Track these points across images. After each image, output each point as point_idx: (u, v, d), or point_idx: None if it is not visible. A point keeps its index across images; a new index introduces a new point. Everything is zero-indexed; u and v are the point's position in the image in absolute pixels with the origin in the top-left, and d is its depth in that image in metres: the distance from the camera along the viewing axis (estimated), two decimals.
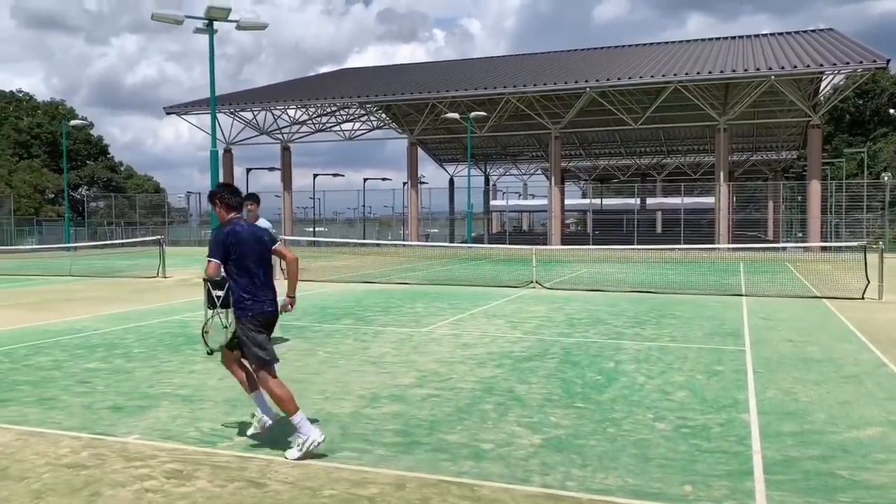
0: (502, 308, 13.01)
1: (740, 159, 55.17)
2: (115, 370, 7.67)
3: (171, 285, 18.07)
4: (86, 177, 62.59)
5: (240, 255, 5.08)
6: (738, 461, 4.73)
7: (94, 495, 4.18)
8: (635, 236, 38.70)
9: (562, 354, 8.48)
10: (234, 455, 4.89)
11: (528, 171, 66.20)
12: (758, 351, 8.63)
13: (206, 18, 16.57)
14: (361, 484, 4.34)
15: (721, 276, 19.16)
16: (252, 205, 8.91)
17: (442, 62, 57.04)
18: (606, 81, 34.93)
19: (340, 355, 8.48)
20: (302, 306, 13.37)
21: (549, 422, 5.65)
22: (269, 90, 48.38)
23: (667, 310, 12.60)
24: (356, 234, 53.07)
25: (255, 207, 8.89)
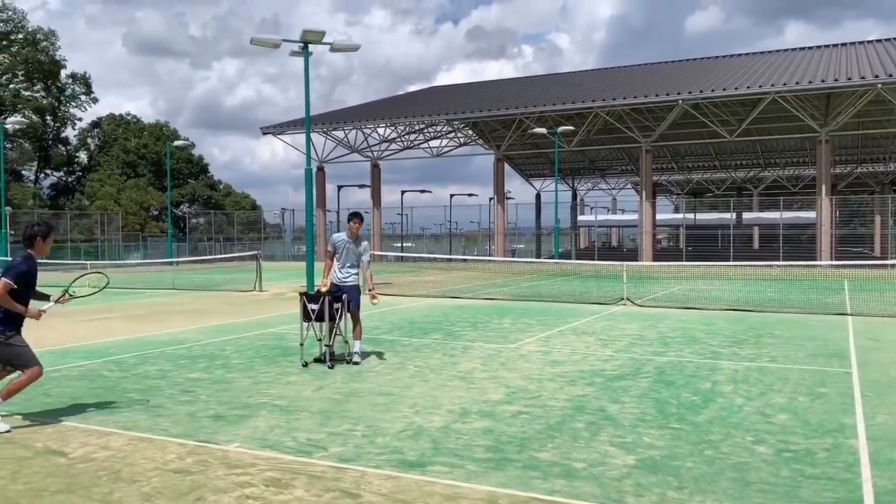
0: (592, 325, 12.83)
1: (844, 171, 52.62)
2: (216, 380, 7.99)
3: (268, 299, 18.70)
4: (187, 194, 65.73)
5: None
6: (846, 489, 4.50)
7: (199, 500, 4.37)
8: (731, 252, 37.43)
9: (655, 374, 8.29)
10: (329, 465, 5.01)
11: (617, 186, 65.15)
12: (865, 373, 8.19)
13: (301, 42, 17.18)
14: (454, 498, 4.37)
15: (823, 294, 18.28)
16: (357, 222, 9.16)
17: (529, 77, 57.03)
18: (700, 93, 34.06)
19: (430, 369, 8.56)
20: (391, 320, 13.60)
21: (642, 442, 5.53)
22: (360, 109, 49.58)
23: (765, 329, 12.12)
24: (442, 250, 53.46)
25: (357, 225, 9.14)
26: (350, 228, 9.14)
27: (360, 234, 9.26)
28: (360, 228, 9.21)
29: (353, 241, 9.13)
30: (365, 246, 9.26)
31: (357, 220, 9.19)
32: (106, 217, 49.71)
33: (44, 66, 57.41)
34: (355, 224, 9.15)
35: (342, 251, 9.12)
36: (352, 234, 9.13)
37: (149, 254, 48.97)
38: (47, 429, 5.96)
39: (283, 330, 12.15)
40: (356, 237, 9.15)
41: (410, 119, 42.50)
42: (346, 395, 7.22)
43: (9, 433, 5.79)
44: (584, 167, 58.82)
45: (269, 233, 58.07)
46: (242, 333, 11.93)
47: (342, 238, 9.17)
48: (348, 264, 9.13)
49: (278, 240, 57.51)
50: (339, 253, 9.14)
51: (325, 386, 7.64)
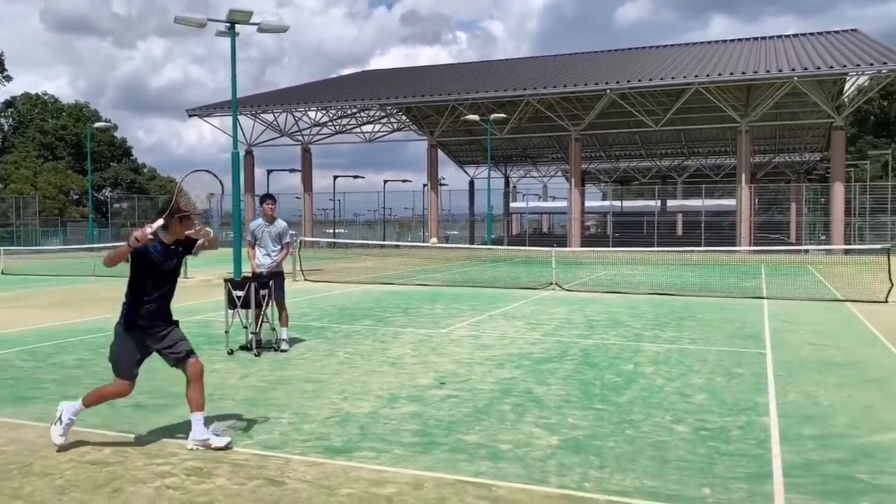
0: (521, 310, 13.00)
1: (762, 161, 54.68)
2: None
3: (193, 286, 18.25)
4: (109, 178, 63.38)
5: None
6: (757, 464, 4.70)
7: (116, 491, 4.25)
8: (655, 238, 38.47)
9: (580, 356, 8.47)
10: (254, 453, 4.94)
11: (548, 173, 66.06)
12: (779, 354, 8.56)
13: (228, 21, 16.71)
14: (379, 483, 4.37)
15: (742, 279, 19.00)
16: (270, 203, 9.03)
17: (463, 64, 57.08)
18: (627, 83, 34.78)
19: (360, 356, 8.52)
20: (321, 307, 13.47)
21: (566, 423, 5.65)
22: (290, 92, 48.69)
23: (686, 312, 12.52)
24: (376, 236, 53.22)
25: (271, 207, 9.00)
26: (264, 211, 8.98)
27: (277, 216, 9.09)
28: (274, 209, 9.05)
29: (270, 224, 8.96)
30: (283, 227, 9.11)
31: (270, 202, 9.04)
32: (22, 201, 47.54)
33: None
34: (269, 206, 8.99)
35: (261, 236, 8.95)
36: (266, 216, 8.96)
37: (68, 240, 47.11)
38: None
39: (209, 317, 11.89)
40: (272, 219, 8.98)
41: (343, 103, 42.00)
42: (272, 382, 7.12)
43: None
44: (516, 155, 59.38)
45: None
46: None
47: (259, 223, 9.00)
48: (270, 249, 8.97)
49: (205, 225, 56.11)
50: (260, 239, 8.98)
51: (251, 374, 7.52)
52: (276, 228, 8.98)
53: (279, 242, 9.02)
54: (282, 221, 9.17)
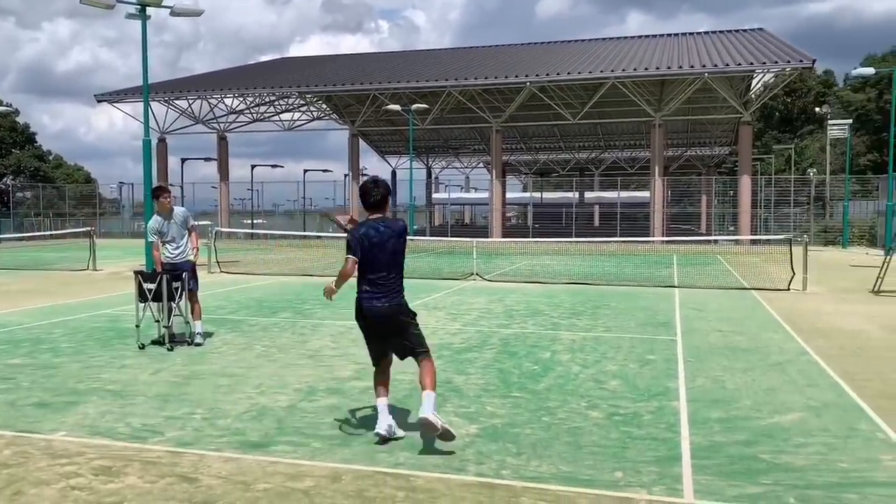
0: (443, 300, 13.05)
1: (675, 154, 56.51)
2: (42, 366, 7.41)
3: (102, 278, 17.53)
4: (11, 166, 60.11)
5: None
6: (667, 447, 4.87)
7: (17, 494, 4.05)
8: (573, 229, 39.25)
9: (500, 345, 8.57)
10: (166, 451, 4.79)
11: (470, 165, 66.46)
12: (688, 340, 8.88)
13: (138, 4, 16.08)
14: (297, 477, 4.31)
15: (655, 269, 19.62)
16: (166, 196, 8.73)
17: (384, 53, 56.67)
18: (546, 76, 35.30)
19: (277, 349, 8.38)
20: (238, 299, 13.17)
21: (485, 411, 5.71)
22: (206, 78, 47.25)
23: (602, 301, 12.85)
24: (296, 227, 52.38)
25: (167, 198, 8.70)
26: (161, 205, 8.67)
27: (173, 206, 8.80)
28: (170, 201, 8.75)
29: (169, 216, 8.67)
30: (184, 213, 8.84)
31: (164, 195, 8.75)
32: None
33: None
34: (164, 199, 8.69)
35: (167, 231, 8.65)
36: (163, 208, 8.67)
37: None
38: None
39: (119, 311, 11.45)
40: (169, 210, 8.69)
41: (260, 90, 41.05)
42: (185, 377, 6.92)
43: None
44: (438, 145, 59.47)
45: (106, 208, 54.36)
46: (73, 315, 11.12)
47: (158, 220, 8.65)
48: (176, 240, 8.69)
49: (116, 216, 53.96)
50: (166, 234, 8.67)
51: (163, 369, 7.28)
52: (178, 218, 8.69)
53: (185, 229, 8.75)
54: (180, 208, 8.90)
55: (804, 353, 8.14)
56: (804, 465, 4.55)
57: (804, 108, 65.12)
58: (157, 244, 8.68)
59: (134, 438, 5.05)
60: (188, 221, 8.82)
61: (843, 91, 66.13)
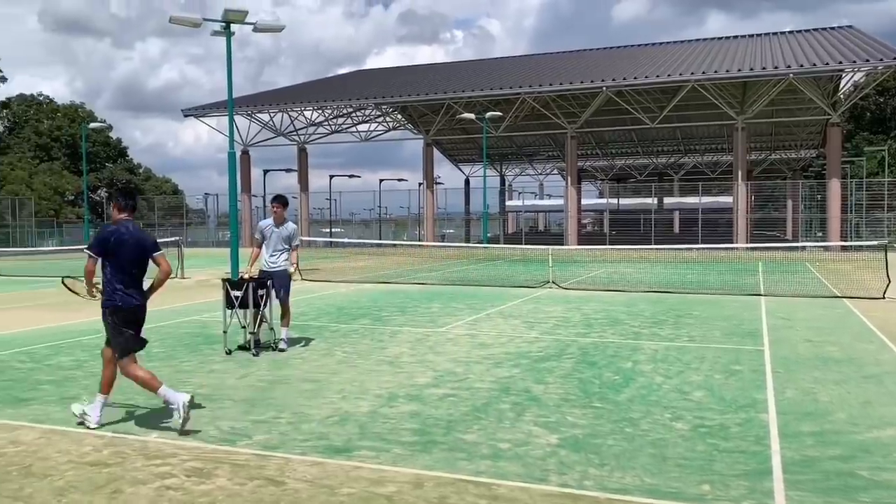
0: (519, 308, 13.00)
1: (759, 158, 54.75)
2: None
3: (190, 286, 18.22)
4: (105, 179, 63.23)
5: (118, 254, 5.61)
6: (756, 461, 4.71)
7: (116, 492, 4.24)
8: (652, 236, 38.50)
9: (579, 355, 8.47)
10: (253, 453, 4.93)
11: (544, 171, 66.10)
12: (776, 351, 8.57)
13: (223, 21, 16.69)
14: (379, 482, 4.36)
15: (739, 276, 19.02)
16: (277, 207, 9.03)
17: (459, 62, 57.05)
18: (623, 80, 34.78)
19: (357, 355, 8.52)
20: (319, 306, 13.46)
21: (566, 421, 5.65)
22: (286, 92, 48.62)
23: (684, 310, 12.54)
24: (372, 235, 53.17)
25: (280, 209, 9.01)
26: (274, 212, 9.01)
27: (287, 217, 9.16)
28: (284, 211, 9.09)
29: (279, 226, 8.99)
30: (293, 229, 9.15)
31: (279, 204, 9.06)
32: (17, 202, 47.40)
33: None
34: (279, 207, 9.02)
35: (269, 236, 8.97)
36: (277, 218, 9.00)
37: (64, 240, 46.96)
38: None
39: (207, 318, 11.87)
40: (282, 221, 9.02)
41: (338, 102, 41.95)
42: (271, 382, 7.11)
43: None
44: (511, 153, 59.37)
45: (192, 218, 56.49)
46: (163, 322, 11.60)
47: (268, 223, 9.03)
48: (277, 249, 8.98)
49: (202, 226, 56.03)
50: (268, 239, 8.99)
51: (249, 374, 7.51)
52: (285, 231, 9.00)
53: (287, 244, 9.04)
54: (292, 224, 9.23)
55: None
56: None
57: None
58: (256, 241, 9.04)
59: (223, 441, 5.21)
60: (293, 238, 9.10)
61: None
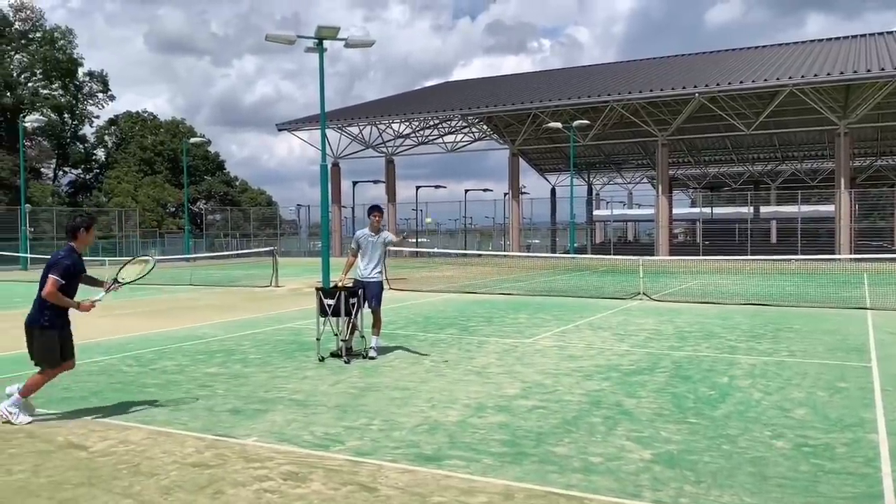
0: (608, 320, 12.78)
1: (863, 165, 52.04)
2: (234, 375, 8.05)
3: (284, 294, 18.79)
4: (204, 191, 66.10)
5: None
6: (865, 483, 4.46)
7: (218, 493, 4.41)
8: (748, 246, 37.17)
9: (672, 368, 8.25)
10: (346, 459, 5.03)
11: (633, 180, 64.89)
12: (886, 368, 8.10)
13: (316, 38, 17.22)
14: (470, 492, 4.37)
15: (842, 289, 18.11)
16: (378, 215, 9.23)
17: (545, 71, 56.82)
18: (716, 86, 33.80)
19: (446, 364, 8.57)
20: (406, 315, 13.62)
21: (659, 437, 5.51)
22: (375, 105, 49.64)
23: (783, 323, 12.03)
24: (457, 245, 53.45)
25: (379, 217, 9.22)
26: (371, 222, 9.20)
27: (381, 226, 9.35)
28: (380, 221, 9.27)
29: (375, 235, 9.17)
30: (388, 238, 9.35)
31: (377, 213, 9.26)
32: (123, 214, 50.12)
33: (62, 65, 57.85)
34: (376, 217, 9.21)
35: (366, 246, 9.16)
36: (373, 227, 9.19)
37: (166, 250, 49.29)
38: (68, 423, 6.02)
39: (300, 325, 12.21)
40: (377, 230, 9.21)
41: (424, 114, 42.50)
42: (362, 389, 7.25)
43: (30, 424, 5.88)
44: (599, 161, 58.58)
45: (285, 229, 58.30)
46: (259, 329, 12.00)
47: (364, 233, 9.22)
48: (372, 259, 9.16)
49: (294, 236, 57.73)
50: (363, 248, 9.18)
51: (341, 380, 7.67)
52: (381, 238, 9.20)
53: (384, 252, 9.25)
54: (387, 233, 9.41)
55: None
56: None
57: None
58: (352, 251, 9.26)
59: (317, 446, 5.34)
60: (388, 245, 9.33)
61: None
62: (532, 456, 5.06)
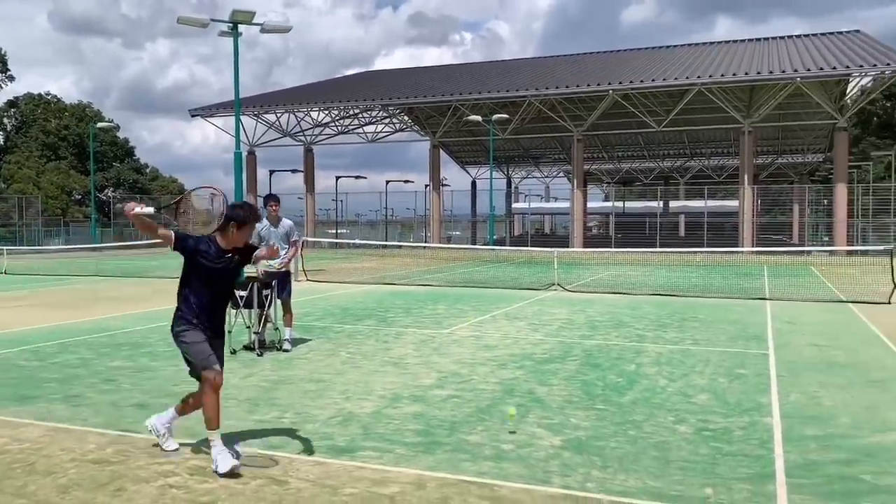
0: (524, 310, 13.00)
1: (765, 162, 54.63)
2: (140, 368, 7.78)
3: None
4: (112, 178, 63.52)
5: None
6: (759, 464, 4.70)
7: (119, 490, 4.25)
8: (658, 239, 38.47)
9: (583, 357, 8.47)
10: (257, 452, 4.94)
11: (550, 174, 66.11)
12: (781, 355, 8.55)
13: (230, 22, 16.76)
14: (382, 483, 4.37)
15: (744, 280, 18.98)
16: (274, 204, 9.06)
17: (466, 65, 57.10)
18: (629, 84, 34.78)
19: (362, 356, 8.53)
20: (324, 307, 13.48)
21: (569, 423, 5.64)
22: (293, 92, 48.74)
23: (689, 313, 12.52)
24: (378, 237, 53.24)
25: (276, 207, 9.05)
26: (269, 212, 8.99)
27: (281, 215, 9.14)
28: (278, 210, 9.09)
29: (275, 225, 8.99)
30: (290, 225, 9.15)
31: (274, 203, 9.08)
32: (24, 201, 47.62)
33: None
34: (273, 207, 9.03)
35: (268, 237, 8.97)
36: (271, 217, 8.99)
37: (71, 239, 47.18)
38: None
39: None
40: (277, 220, 9.01)
41: (345, 103, 42.04)
42: (275, 382, 7.13)
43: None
44: (518, 155, 59.39)
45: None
46: (168, 321, 11.58)
47: (264, 225, 9.00)
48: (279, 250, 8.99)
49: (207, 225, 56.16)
50: (267, 240, 8.99)
51: (253, 374, 7.53)
52: (282, 228, 9.02)
53: (287, 242, 9.06)
54: (287, 220, 9.23)
55: None
56: None
57: None
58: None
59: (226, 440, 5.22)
60: (292, 234, 9.14)
61: None
62: (445, 445, 5.10)
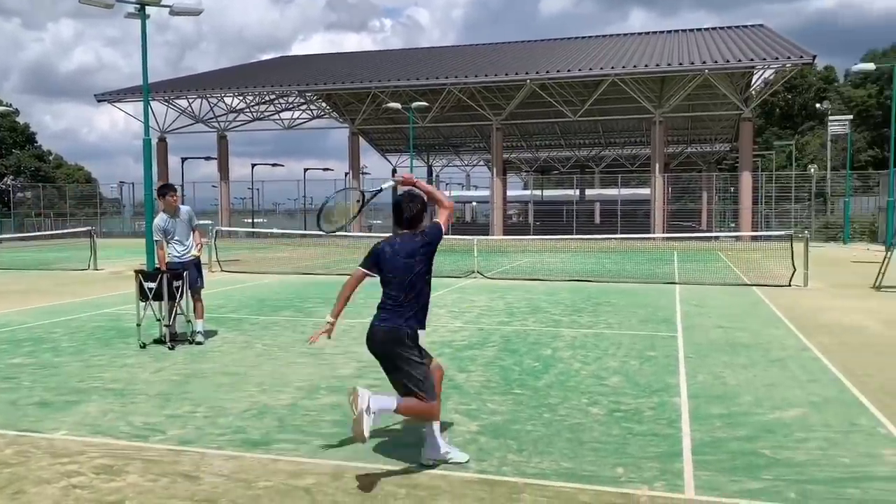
0: (443, 298, 13.05)
1: (676, 151, 56.45)
2: (43, 365, 7.42)
3: (103, 278, 17.54)
4: (11, 166, 60.16)
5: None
6: (668, 443, 4.87)
7: (18, 493, 4.05)
8: (574, 227, 39.26)
9: (501, 343, 8.57)
10: (167, 449, 4.79)
11: (470, 162, 66.45)
12: (689, 337, 8.88)
13: (137, 3, 16.09)
14: (298, 475, 4.31)
15: (656, 265, 19.62)
16: (174, 195, 8.76)
17: (385, 51, 56.66)
18: (546, 74, 35.28)
19: (278, 347, 8.38)
20: (239, 298, 13.18)
21: (486, 409, 5.71)
22: (206, 77, 47.24)
23: (603, 298, 12.85)
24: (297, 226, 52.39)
25: (175, 197, 8.75)
26: (167, 204, 8.68)
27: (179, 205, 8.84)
28: (177, 200, 8.78)
29: (175, 214, 8.68)
30: (189, 211, 8.87)
31: (172, 193, 8.79)
32: None
33: None
34: (172, 197, 8.72)
35: (172, 229, 8.66)
36: (170, 207, 8.68)
37: None
38: None
39: (120, 311, 11.45)
40: (175, 209, 8.71)
41: (260, 89, 41.05)
42: (187, 376, 6.92)
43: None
44: (438, 143, 59.41)
45: (107, 208, 54.43)
46: (73, 315, 11.13)
47: (164, 218, 8.66)
48: (183, 239, 8.70)
49: (117, 215, 54.01)
50: (171, 233, 8.68)
51: (164, 368, 7.29)
52: (184, 216, 8.72)
53: (191, 228, 8.78)
54: (185, 207, 8.94)
55: (805, 348, 8.14)
56: (805, 460, 4.55)
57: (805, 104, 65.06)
58: (161, 243, 8.67)
59: (135, 437, 5.05)
60: (193, 220, 8.85)
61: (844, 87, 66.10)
62: None
